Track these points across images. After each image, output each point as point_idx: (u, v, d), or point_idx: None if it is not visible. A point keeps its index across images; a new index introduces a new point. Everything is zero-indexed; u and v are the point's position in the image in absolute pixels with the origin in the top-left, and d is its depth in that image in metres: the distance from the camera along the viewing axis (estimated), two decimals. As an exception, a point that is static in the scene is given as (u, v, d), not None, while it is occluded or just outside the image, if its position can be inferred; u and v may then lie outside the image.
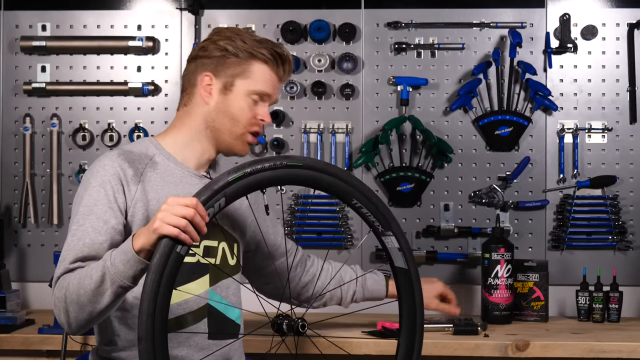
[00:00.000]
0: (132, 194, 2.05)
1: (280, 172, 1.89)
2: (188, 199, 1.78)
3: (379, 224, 1.99)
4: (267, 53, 2.12)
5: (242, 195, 1.86)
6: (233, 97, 2.12)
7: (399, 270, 2.00)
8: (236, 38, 2.12)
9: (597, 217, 3.26)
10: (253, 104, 2.14)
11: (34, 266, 3.32)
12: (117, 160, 2.07)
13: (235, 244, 2.20)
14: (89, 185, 2.03)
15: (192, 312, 2.10)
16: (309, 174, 1.92)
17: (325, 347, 2.45)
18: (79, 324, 1.91)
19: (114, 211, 2.01)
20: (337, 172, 1.95)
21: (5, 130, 3.34)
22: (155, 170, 2.10)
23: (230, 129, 2.13)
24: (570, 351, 2.64)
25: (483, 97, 3.28)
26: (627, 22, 3.28)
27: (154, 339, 1.73)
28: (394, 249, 2.00)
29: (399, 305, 2.02)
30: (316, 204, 3.27)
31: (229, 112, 2.13)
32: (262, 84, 2.13)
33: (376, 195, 2.00)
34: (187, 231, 1.76)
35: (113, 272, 1.83)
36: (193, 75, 2.15)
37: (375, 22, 3.31)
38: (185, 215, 1.76)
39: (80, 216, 2.00)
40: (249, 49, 2.11)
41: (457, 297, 2.74)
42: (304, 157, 1.96)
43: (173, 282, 1.76)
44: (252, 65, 2.12)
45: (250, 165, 1.85)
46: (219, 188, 1.82)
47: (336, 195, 1.96)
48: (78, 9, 3.35)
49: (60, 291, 1.91)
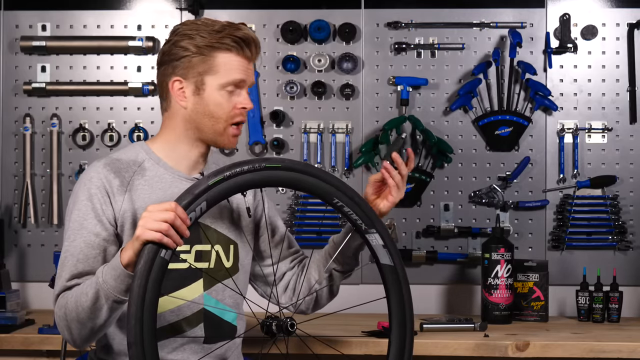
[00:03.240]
0: (119, 205, 2.04)
1: (259, 175, 1.90)
2: (167, 203, 1.80)
3: (362, 222, 1.99)
4: (228, 41, 2.07)
5: (223, 198, 1.88)
6: (207, 95, 2.09)
7: (386, 267, 2.01)
8: (195, 35, 2.07)
9: (597, 217, 3.26)
10: (229, 96, 2.09)
11: (34, 266, 3.32)
12: (102, 171, 2.06)
13: (232, 245, 2.18)
14: (77, 199, 2.04)
15: (187, 317, 2.09)
16: (289, 175, 1.93)
17: (323, 347, 2.45)
18: (83, 338, 1.96)
19: (103, 224, 2.02)
20: (317, 172, 1.96)
21: (5, 130, 3.34)
22: (143, 177, 2.09)
23: (212, 127, 2.11)
24: (570, 351, 2.64)
25: (483, 97, 3.28)
26: (627, 22, 3.28)
27: (144, 343, 1.74)
28: (378, 247, 2.01)
29: (387, 302, 2.03)
30: (316, 203, 3.26)
31: (207, 111, 2.09)
32: (231, 72, 2.08)
33: (358, 194, 2.00)
34: (169, 235, 1.78)
35: (106, 288, 1.86)
36: (164, 81, 2.11)
37: (375, 22, 3.31)
38: (166, 220, 1.77)
39: (71, 232, 2.02)
40: (209, 43, 2.06)
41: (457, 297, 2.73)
42: (283, 159, 1.95)
43: (160, 286, 1.78)
44: (217, 58, 2.07)
45: (229, 169, 1.87)
46: (199, 192, 1.84)
47: (317, 195, 1.97)
48: (78, 9, 3.35)
49: (60, 310, 1.95)
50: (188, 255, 2.10)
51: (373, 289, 3.08)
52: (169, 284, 2.03)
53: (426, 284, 3.25)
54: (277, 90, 3.32)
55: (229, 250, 2.17)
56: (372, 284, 3.19)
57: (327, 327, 2.66)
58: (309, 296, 2.26)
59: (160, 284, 1.78)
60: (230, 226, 2.18)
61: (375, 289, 2.99)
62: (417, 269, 3.27)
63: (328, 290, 2.27)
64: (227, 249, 2.17)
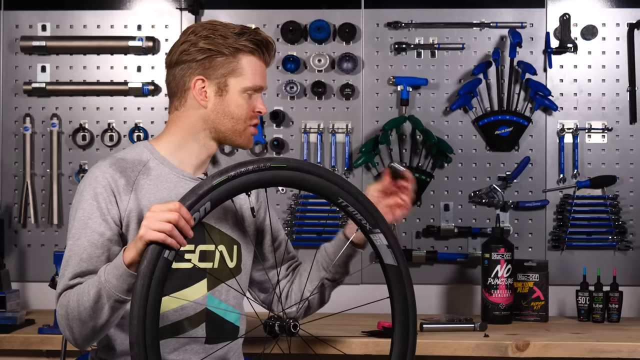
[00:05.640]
0: (125, 204, 2.04)
1: (264, 174, 1.89)
2: (171, 203, 1.79)
3: (367, 222, 1.99)
4: (250, 44, 2.09)
5: (228, 198, 1.86)
6: (229, 97, 2.10)
7: (389, 267, 2.01)
8: (215, 35, 2.08)
9: (597, 217, 3.26)
10: (249, 98, 2.13)
11: (34, 266, 3.32)
12: (108, 170, 2.06)
13: (236, 245, 2.19)
14: (82, 199, 2.04)
15: (189, 317, 2.09)
16: (294, 175, 1.92)
17: (324, 347, 2.45)
18: (84, 338, 1.95)
19: (108, 223, 2.02)
20: (322, 172, 1.95)
21: (5, 130, 3.34)
22: (148, 177, 2.09)
23: (232, 128, 2.12)
24: (570, 351, 2.64)
25: (483, 97, 3.29)
26: (627, 22, 3.28)
27: (146, 344, 1.73)
28: (382, 246, 2.00)
29: (390, 302, 2.02)
30: (316, 203, 3.27)
31: (228, 112, 2.11)
32: (254, 77, 2.11)
33: (362, 193, 2.00)
34: (173, 235, 1.77)
35: (108, 287, 1.86)
36: (182, 80, 2.10)
37: (375, 22, 3.31)
38: (169, 220, 1.76)
39: (75, 231, 2.01)
40: (232, 44, 2.08)
41: (457, 297, 2.73)
42: (288, 158, 1.95)
43: (162, 287, 1.77)
44: (241, 60, 2.09)
45: (234, 169, 1.86)
46: (203, 192, 1.82)
47: (322, 195, 1.96)
48: (78, 9, 3.35)
49: (62, 309, 1.95)
50: (192, 255, 2.10)
51: (373, 289, 3.11)
52: (172, 283, 2.03)
53: (426, 284, 3.24)
54: (277, 90, 3.32)
55: (232, 251, 2.17)
56: (373, 284, 3.19)
57: (327, 327, 2.66)
58: (302, 303, 2.25)
59: (164, 284, 1.77)
60: (234, 227, 2.18)
61: (375, 288, 3.02)
62: (417, 269, 3.27)
63: (319, 298, 2.27)
64: (230, 250, 2.17)
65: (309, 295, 2.23)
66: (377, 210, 2.00)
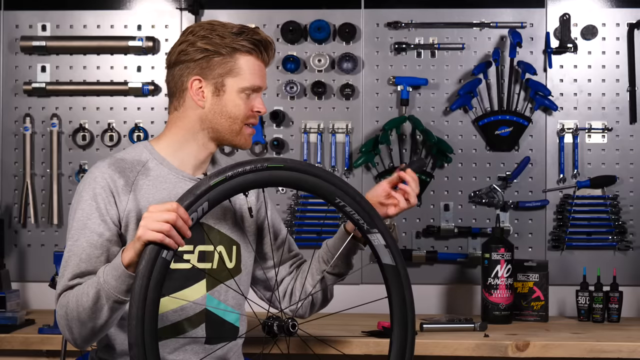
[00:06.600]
0: (124, 205, 2.04)
1: (262, 175, 1.89)
2: (169, 204, 1.79)
3: (364, 222, 1.99)
4: (248, 44, 2.08)
5: (225, 199, 1.86)
6: (227, 97, 2.10)
7: (387, 267, 2.01)
8: (213, 35, 2.08)
9: (597, 217, 3.26)
10: (247, 98, 2.12)
11: (34, 266, 3.32)
12: (107, 171, 2.06)
13: (235, 246, 2.19)
14: (80, 199, 2.04)
15: (189, 318, 2.09)
16: (291, 175, 1.92)
17: (324, 347, 2.45)
18: (84, 338, 1.95)
19: (107, 224, 2.02)
20: (319, 172, 1.95)
21: (5, 130, 3.34)
22: (147, 177, 2.09)
23: (229, 128, 2.12)
24: (570, 351, 2.64)
25: (483, 97, 3.29)
26: (627, 22, 3.28)
27: (145, 344, 1.73)
28: (380, 246, 2.00)
29: (389, 302, 2.02)
30: (316, 204, 3.27)
31: (225, 112, 2.11)
32: (252, 77, 2.10)
33: (360, 193, 2.00)
34: (171, 235, 1.77)
35: (107, 288, 1.86)
36: (181, 80, 2.10)
37: (375, 22, 3.31)
38: (167, 220, 1.76)
39: (74, 231, 2.01)
40: (230, 44, 2.07)
41: (457, 297, 2.73)
42: (285, 159, 1.95)
43: (161, 287, 1.77)
44: (238, 60, 2.09)
45: (231, 169, 1.86)
46: (201, 193, 1.82)
47: (319, 195, 1.96)
48: (78, 9, 3.35)
49: (61, 309, 1.95)
50: (191, 256, 2.10)
51: (373, 288, 3.10)
52: (172, 284, 2.03)
53: (426, 284, 3.25)
54: (277, 90, 3.32)
55: (231, 251, 2.17)
56: (372, 284, 3.19)
57: (327, 327, 2.66)
58: (306, 300, 2.25)
59: (162, 284, 1.77)
60: (233, 227, 2.18)
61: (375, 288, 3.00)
62: (417, 269, 3.27)
63: (322, 294, 2.26)
64: (229, 250, 2.17)
65: (310, 290, 2.23)
66: (374, 210, 2.00)
